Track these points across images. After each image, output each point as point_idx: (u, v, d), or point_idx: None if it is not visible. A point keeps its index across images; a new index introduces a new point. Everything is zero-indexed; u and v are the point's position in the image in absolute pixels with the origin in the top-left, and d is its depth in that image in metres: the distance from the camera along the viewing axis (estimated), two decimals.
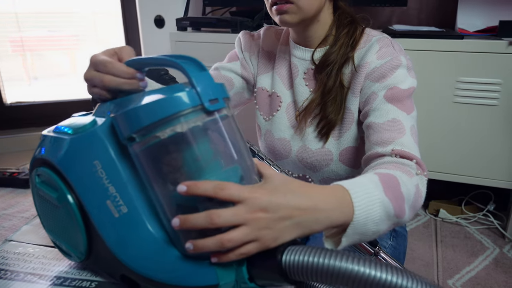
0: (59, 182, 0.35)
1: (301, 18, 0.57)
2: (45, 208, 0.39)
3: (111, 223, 0.34)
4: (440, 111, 1.19)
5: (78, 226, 0.35)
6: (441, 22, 1.47)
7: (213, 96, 0.31)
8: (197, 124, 0.31)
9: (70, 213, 0.35)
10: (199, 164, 0.31)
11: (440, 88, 1.17)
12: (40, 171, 0.37)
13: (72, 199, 0.35)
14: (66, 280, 0.39)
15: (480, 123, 1.17)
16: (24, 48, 1.89)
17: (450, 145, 1.22)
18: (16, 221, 1.28)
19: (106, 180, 0.33)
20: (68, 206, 0.35)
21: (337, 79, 0.59)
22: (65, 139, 0.35)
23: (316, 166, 0.64)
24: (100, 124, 0.34)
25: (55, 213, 0.38)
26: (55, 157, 0.36)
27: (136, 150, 0.32)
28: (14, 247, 0.45)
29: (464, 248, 1.20)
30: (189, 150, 0.31)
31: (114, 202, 0.33)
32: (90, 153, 0.34)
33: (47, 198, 0.38)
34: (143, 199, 0.33)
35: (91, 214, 0.34)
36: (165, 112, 0.30)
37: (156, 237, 0.33)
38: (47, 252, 0.44)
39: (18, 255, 0.44)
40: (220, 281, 0.32)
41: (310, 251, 0.28)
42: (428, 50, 1.15)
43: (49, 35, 1.91)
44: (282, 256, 0.29)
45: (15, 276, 0.40)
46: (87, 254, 0.37)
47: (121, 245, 0.34)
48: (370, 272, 0.25)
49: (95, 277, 0.39)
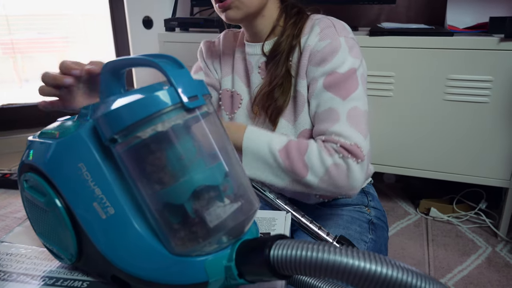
0: (47, 187, 0.36)
1: (245, 13, 0.60)
2: (35, 212, 0.40)
3: (99, 225, 0.34)
4: (430, 109, 1.19)
5: (67, 229, 0.36)
6: (430, 19, 1.47)
7: (193, 93, 0.31)
8: (177, 122, 0.31)
9: (58, 217, 0.36)
10: (183, 162, 0.31)
11: (430, 86, 1.16)
12: (27, 176, 0.38)
13: (60, 203, 0.35)
14: (58, 280, 0.40)
15: (471, 121, 1.16)
16: (15, 51, 1.90)
17: (441, 142, 1.21)
18: (9, 222, 1.28)
19: (92, 182, 0.33)
20: (56, 210, 0.35)
21: (283, 67, 0.62)
22: (50, 143, 0.36)
23: None
24: (83, 126, 0.34)
25: (44, 217, 0.38)
26: (41, 162, 0.36)
27: (119, 151, 0.32)
28: (7, 248, 0.46)
29: (456, 247, 1.19)
30: (171, 148, 0.31)
31: (101, 204, 0.33)
32: (75, 156, 0.34)
33: (35, 203, 0.38)
34: (130, 200, 0.34)
35: (79, 217, 0.35)
36: (144, 111, 0.30)
37: (144, 236, 0.33)
38: (39, 253, 0.45)
39: (11, 256, 0.44)
40: (209, 278, 0.32)
41: (298, 245, 0.28)
42: (417, 48, 1.14)
43: (39, 38, 1.92)
44: (270, 251, 0.29)
45: (8, 277, 0.40)
46: (77, 256, 0.37)
47: (110, 246, 0.34)
48: (359, 264, 0.25)
49: (87, 277, 0.40)
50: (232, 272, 0.31)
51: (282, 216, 0.52)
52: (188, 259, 0.32)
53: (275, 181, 0.59)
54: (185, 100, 0.31)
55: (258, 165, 0.58)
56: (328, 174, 0.55)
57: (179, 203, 0.31)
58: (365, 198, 0.72)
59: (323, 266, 0.26)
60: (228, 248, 0.32)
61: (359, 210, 0.70)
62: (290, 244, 0.28)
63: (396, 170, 1.30)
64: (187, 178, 0.31)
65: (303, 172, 0.56)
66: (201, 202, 0.31)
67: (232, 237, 0.33)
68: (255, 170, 0.59)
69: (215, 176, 0.32)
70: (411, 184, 1.56)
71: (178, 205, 0.31)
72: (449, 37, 1.12)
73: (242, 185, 0.35)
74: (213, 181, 0.32)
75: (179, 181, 0.31)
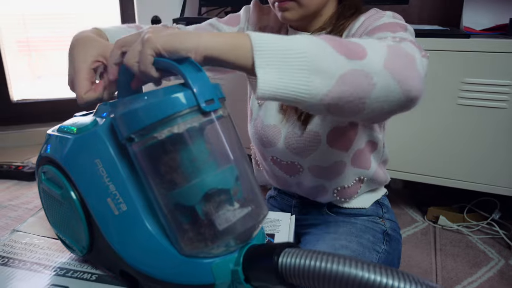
0: (63, 180, 0.37)
1: (302, 15, 0.58)
2: (50, 203, 0.41)
3: (111, 220, 0.35)
4: (442, 113, 1.15)
5: (81, 222, 0.37)
6: (445, 20, 1.42)
7: (209, 97, 0.32)
8: (193, 125, 0.31)
9: (73, 209, 0.37)
10: (195, 164, 0.32)
11: (443, 89, 1.13)
12: (45, 168, 0.39)
13: (75, 196, 0.36)
14: (69, 271, 0.41)
15: (485, 127, 1.12)
16: (30, 48, 1.96)
17: (452, 148, 1.17)
18: (21, 212, 1.32)
19: (107, 178, 0.34)
20: (72, 202, 0.37)
21: None
22: (69, 138, 0.37)
23: (304, 151, 0.63)
24: (101, 124, 0.36)
25: (59, 209, 0.39)
26: (59, 156, 0.37)
27: (135, 150, 0.33)
28: (21, 237, 0.48)
29: (465, 257, 1.15)
30: (185, 150, 0.32)
31: (114, 200, 0.34)
32: (92, 152, 0.35)
33: (52, 194, 0.39)
34: (142, 198, 0.34)
35: (93, 211, 0.36)
36: (162, 113, 0.31)
37: (154, 235, 0.34)
38: (52, 243, 0.46)
39: (25, 245, 0.46)
40: (216, 280, 0.33)
41: (307, 254, 0.27)
42: (430, 50, 1.11)
43: (52, 36, 1.98)
44: (278, 258, 0.29)
45: (22, 265, 0.42)
46: (89, 249, 0.38)
47: (120, 241, 0.35)
48: (369, 277, 0.24)
49: (96, 270, 0.41)
50: (238, 276, 0.32)
51: (287, 218, 0.52)
52: (196, 260, 0.33)
53: (318, 81, 0.35)
54: (201, 103, 0.31)
55: (291, 65, 0.34)
56: (393, 51, 0.39)
57: (190, 205, 0.32)
58: (380, 209, 0.70)
59: (332, 277, 0.25)
60: (235, 252, 0.33)
61: (373, 221, 0.68)
62: (299, 253, 0.28)
63: (403, 175, 1.26)
64: (199, 180, 0.32)
65: (360, 52, 0.37)
66: (211, 204, 0.32)
67: (240, 241, 0.33)
68: (286, 71, 0.34)
69: (226, 180, 0.33)
70: (419, 190, 1.52)
71: (189, 207, 0.32)
72: (465, 39, 1.08)
73: (253, 190, 0.35)
74: (224, 184, 0.33)
75: (191, 182, 0.32)
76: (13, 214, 1.30)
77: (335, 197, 0.67)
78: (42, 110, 1.95)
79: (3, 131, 1.91)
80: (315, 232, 0.68)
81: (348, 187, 0.66)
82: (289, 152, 0.64)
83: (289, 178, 0.68)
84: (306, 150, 0.62)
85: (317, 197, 0.68)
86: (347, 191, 0.66)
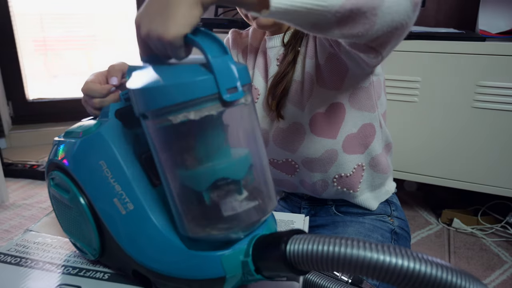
0: (71, 184, 0.37)
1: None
2: (60, 208, 0.41)
3: (119, 220, 0.35)
4: (457, 116, 1.15)
5: (90, 224, 0.37)
6: (461, 23, 1.41)
7: (232, 84, 0.30)
8: (211, 113, 0.30)
9: (82, 213, 0.37)
10: (209, 151, 0.31)
11: (458, 92, 1.13)
12: (53, 174, 0.40)
13: (83, 200, 0.37)
14: (81, 270, 0.41)
15: (501, 130, 1.11)
16: (47, 48, 1.98)
17: (467, 151, 1.17)
18: (35, 211, 1.33)
19: (112, 179, 0.34)
20: (80, 206, 0.37)
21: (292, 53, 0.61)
22: (73, 142, 0.37)
23: (291, 145, 0.63)
24: (104, 125, 0.36)
25: (69, 213, 0.40)
26: (65, 160, 0.38)
27: (148, 126, 0.32)
28: (34, 237, 0.48)
29: (479, 260, 1.15)
30: (200, 137, 0.31)
31: (121, 200, 0.34)
32: (96, 154, 0.35)
33: (61, 200, 0.40)
34: (149, 196, 0.34)
35: (101, 212, 0.36)
36: (179, 97, 0.29)
37: (162, 230, 0.34)
38: (64, 243, 0.47)
39: (37, 244, 0.46)
40: (226, 274, 0.32)
41: (314, 239, 0.27)
42: (446, 53, 1.11)
43: (68, 35, 2.00)
44: (286, 245, 0.28)
45: (35, 265, 0.42)
46: (100, 251, 0.39)
47: (130, 240, 0.35)
48: (379, 257, 0.24)
49: (108, 269, 0.41)
50: (249, 268, 0.31)
51: (301, 219, 0.52)
52: (205, 254, 0.32)
53: None
54: (223, 92, 0.29)
55: None
56: None
57: (197, 190, 0.31)
58: (388, 207, 0.70)
59: (340, 260, 0.25)
60: (244, 244, 0.32)
61: (381, 220, 0.68)
62: (307, 238, 0.28)
63: (418, 178, 1.26)
64: (210, 168, 0.31)
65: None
66: (219, 192, 0.31)
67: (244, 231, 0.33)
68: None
69: (240, 167, 0.32)
70: (433, 193, 1.51)
71: (196, 191, 0.31)
72: (480, 42, 1.07)
73: (265, 181, 0.34)
74: (235, 174, 0.32)
75: (201, 169, 0.31)
76: (27, 213, 1.32)
77: (337, 188, 0.66)
78: (57, 109, 1.97)
79: (19, 129, 1.93)
80: (323, 233, 0.68)
81: (348, 176, 0.64)
82: (280, 149, 0.65)
83: (291, 178, 0.69)
84: (293, 143, 0.63)
85: (321, 192, 0.68)
86: (349, 181, 0.65)
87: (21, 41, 1.88)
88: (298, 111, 0.62)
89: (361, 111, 0.61)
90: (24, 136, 1.91)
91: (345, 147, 0.62)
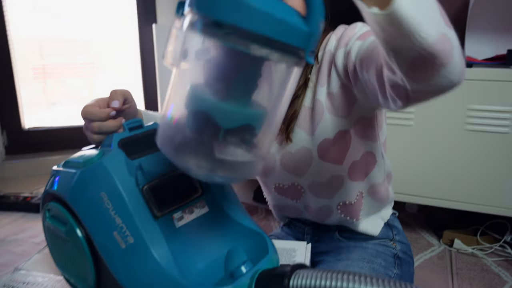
0: (68, 216, 0.36)
1: None
2: (55, 242, 0.40)
3: (118, 254, 0.34)
4: (452, 139, 1.18)
5: (86, 259, 0.36)
6: None
7: (314, 48, 0.29)
8: (280, 62, 0.28)
9: (78, 246, 0.36)
10: (235, 91, 0.30)
11: (451, 116, 1.17)
12: (50, 206, 0.39)
13: (80, 233, 0.36)
14: None
15: (493, 151, 1.15)
16: (46, 75, 1.98)
17: (463, 172, 1.20)
18: (26, 247, 1.27)
19: (113, 211, 0.34)
20: (77, 239, 0.36)
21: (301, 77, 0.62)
22: (74, 172, 0.37)
23: (299, 169, 0.64)
24: (106, 156, 0.35)
25: (64, 247, 0.39)
26: (64, 191, 0.37)
27: (203, 31, 0.27)
28: (23, 276, 0.47)
29: (481, 281, 1.15)
30: (243, 74, 0.29)
31: (121, 233, 0.33)
32: (97, 185, 0.35)
33: (56, 232, 0.39)
34: (150, 229, 0.34)
35: (99, 246, 0.35)
36: (267, 30, 0.26)
37: (163, 266, 0.33)
38: (56, 282, 0.45)
39: (27, 285, 0.45)
40: None
41: (318, 274, 0.27)
42: None
43: (68, 63, 2.01)
44: (289, 281, 0.28)
45: None
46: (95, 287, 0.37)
47: (128, 276, 0.34)
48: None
49: None
50: None
51: (303, 247, 0.52)
52: (206, 287, 0.32)
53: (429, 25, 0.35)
54: (308, 54, 0.28)
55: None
56: None
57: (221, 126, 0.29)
58: (390, 231, 0.70)
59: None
60: (247, 278, 0.32)
61: (384, 244, 0.68)
62: (310, 273, 0.28)
63: (418, 199, 1.27)
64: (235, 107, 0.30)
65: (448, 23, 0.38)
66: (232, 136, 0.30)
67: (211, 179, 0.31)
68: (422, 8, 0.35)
69: (252, 118, 0.31)
70: (434, 214, 1.53)
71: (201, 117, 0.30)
72: (468, 68, 1.13)
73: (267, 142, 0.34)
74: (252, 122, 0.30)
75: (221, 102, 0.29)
76: (18, 249, 1.25)
77: (341, 215, 0.66)
78: (54, 137, 1.93)
79: (13, 159, 1.88)
80: (327, 260, 0.68)
81: (352, 204, 0.65)
82: (287, 173, 0.65)
83: (296, 203, 0.69)
84: (301, 167, 0.63)
85: (325, 219, 0.68)
86: (352, 209, 0.66)
87: (19, 68, 1.87)
88: (307, 137, 0.63)
89: (364, 139, 0.63)
90: (18, 166, 1.86)
91: (350, 174, 0.64)
